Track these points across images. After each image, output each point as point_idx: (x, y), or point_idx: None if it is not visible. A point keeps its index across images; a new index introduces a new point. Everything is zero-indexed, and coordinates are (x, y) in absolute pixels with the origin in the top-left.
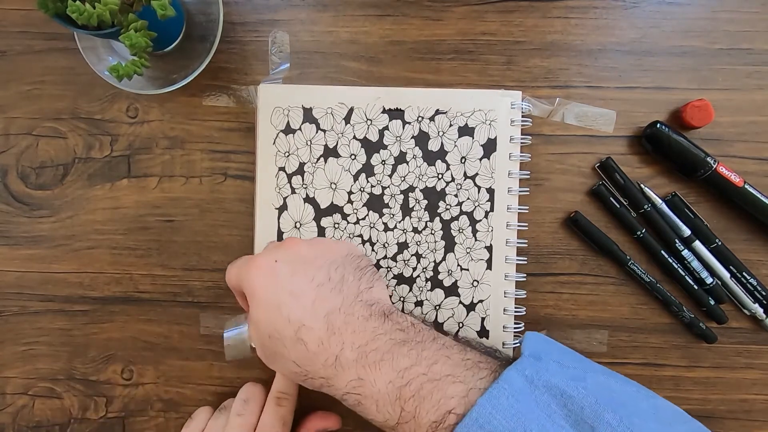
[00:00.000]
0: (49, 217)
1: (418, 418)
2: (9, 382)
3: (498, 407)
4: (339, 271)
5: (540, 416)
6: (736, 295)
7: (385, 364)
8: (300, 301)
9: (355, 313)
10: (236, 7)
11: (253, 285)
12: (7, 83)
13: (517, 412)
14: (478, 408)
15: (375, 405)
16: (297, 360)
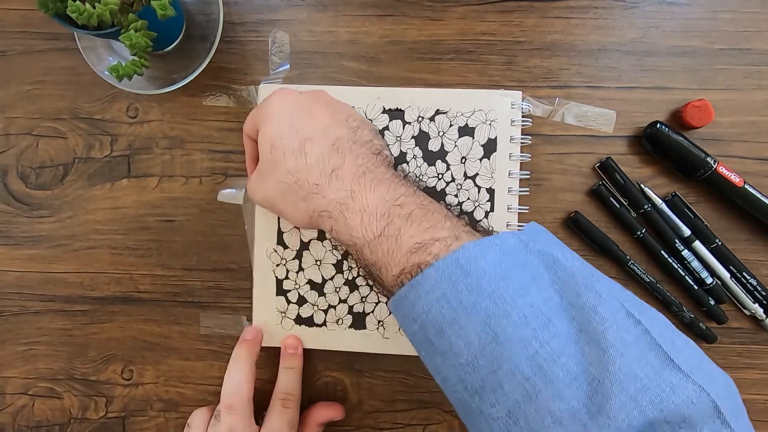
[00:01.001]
0: (49, 217)
1: (401, 237)
2: (9, 382)
3: (484, 255)
4: (357, 123)
5: (524, 276)
6: (736, 295)
7: (382, 186)
8: (313, 121)
9: (363, 149)
10: (236, 7)
11: (270, 104)
12: (7, 83)
13: (501, 263)
14: (464, 250)
15: (360, 217)
16: (292, 169)
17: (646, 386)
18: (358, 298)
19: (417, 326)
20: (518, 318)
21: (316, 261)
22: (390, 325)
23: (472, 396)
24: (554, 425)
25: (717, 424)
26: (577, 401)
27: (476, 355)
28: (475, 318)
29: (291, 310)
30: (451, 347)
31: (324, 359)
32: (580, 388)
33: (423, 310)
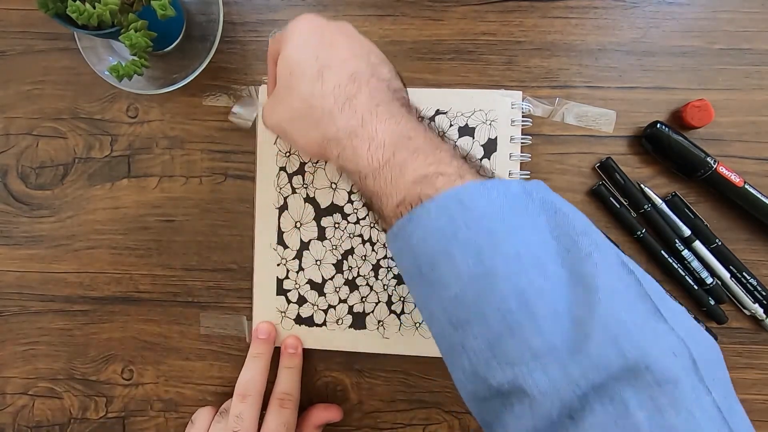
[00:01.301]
0: (49, 217)
1: (405, 168)
2: (9, 382)
3: (486, 195)
4: (378, 60)
5: (523, 219)
6: (736, 295)
7: (393, 119)
8: (335, 50)
9: (380, 84)
10: (236, 7)
11: (295, 28)
12: (7, 83)
13: (502, 205)
14: (466, 187)
15: (367, 145)
16: (307, 95)
17: (630, 332)
18: (358, 298)
19: (411, 259)
20: (511, 255)
21: (316, 261)
22: (390, 325)
23: (456, 329)
24: (533, 360)
25: (694, 380)
26: (558, 338)
27: (464, 288)
28: (468, 252)
29: (291, 310)
30: (441, 280)
31: (324, 359)
32: (562, 327)
33: (418, 242)
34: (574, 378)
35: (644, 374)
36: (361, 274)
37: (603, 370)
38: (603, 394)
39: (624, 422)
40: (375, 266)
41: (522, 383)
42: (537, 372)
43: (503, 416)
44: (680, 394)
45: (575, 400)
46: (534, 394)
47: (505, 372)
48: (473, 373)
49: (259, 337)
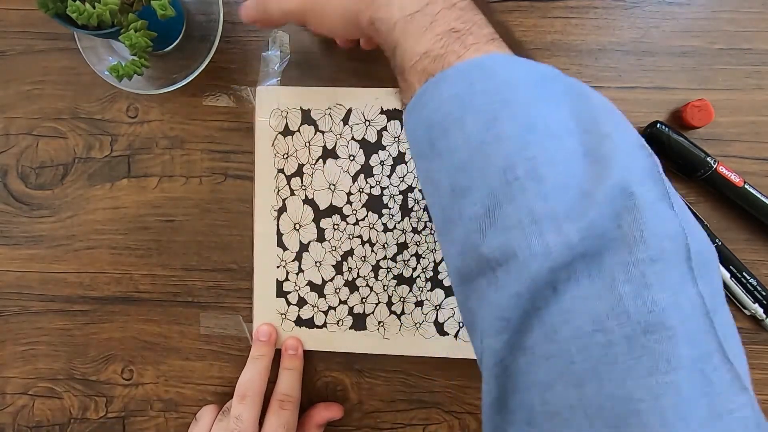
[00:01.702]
0: (49, 217)
1: (437, 18)
2: (9, 382)
3: (511, 66)
4: None
5: (546, 95)
6: (736, 295)
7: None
8: None
9: None
10: (236, 7)
11: None
12: (7, 83)
13: (526, 77)
14: (490, 57)
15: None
16: None
17: (635, 207)
18: (358, 299)
19: (424, 130)
20: (525, 123)
21: (315, 263)
22: (390, 326)
23: (457, 198)
24: (531, 224)
25: (684, 268)
26: (561, 206)
27: (472, 154)
28: (481, 117)
29: (291, 312)
30: (450, 147)
31: (324, 359)
32: (567, 195)
33: (434, 108)
34: (569, 241)
35: (639, 249)
36: (361, 275)
37: (599, 238)
38: (591, 264)
39: (609, 294)
40: (375, 267)
41: (515, 246)
42: (533, 236)
43: (488, 293)
44: (669, 275)
45: (563, 267)
46: (524, 256)
47: (499, 237)
48: (466, 242)
49: (260, 339)
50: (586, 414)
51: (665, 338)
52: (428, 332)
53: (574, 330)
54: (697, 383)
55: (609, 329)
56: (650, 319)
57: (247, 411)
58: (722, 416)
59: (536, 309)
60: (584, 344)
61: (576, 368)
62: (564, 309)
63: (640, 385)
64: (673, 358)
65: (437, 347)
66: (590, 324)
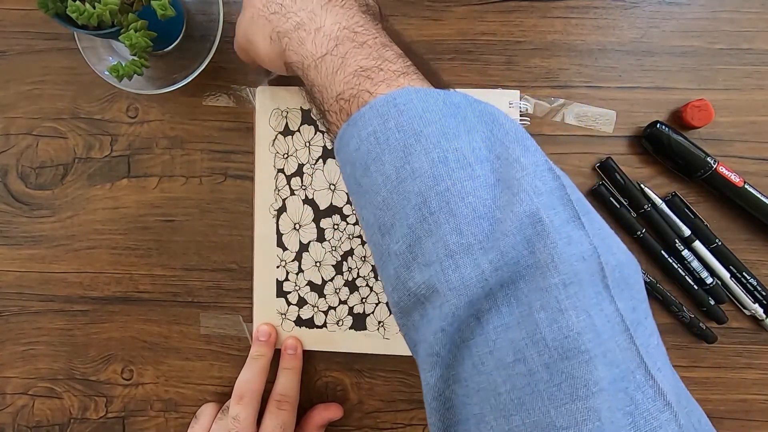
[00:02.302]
0: (49, 217)
1: (348, 59)
2: (9, 382)
3: (423, 100)
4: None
5: (458, 126)
6: (736, 295)
7: (344, 12)
8: None
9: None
10: (236, 6)
11: None
12: (7, 83)
13: (439, 110)
14: (404, 91)
15: (313, 36)
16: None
17: (545, 233)
18: (358, 299)
19: (349, 167)
20: (438, 157)
21: (315, 263)
22: (390, 326)
23: (383, 236)
24: (447, 258)
25: (599, 287)
26: (474, 238)
27: (391, 192)
28: (396, 154)
29: (291, 312)
30: (372, 186)
31: (324, 359)
32: (480, 227)
33: (354, 147)
34: (484, 273)
35: (552, 274)
36: (361, 275)
37: (512, 266)
38: (509, 293)
39: (526, 322)
40: (375, 267)
41: (435, 282)
42: (449, 270)
43: (420, 327)
44: (583, 297)
45: (483, 298)
46: (444, 291)
47: (422, 273)
48: (397, 278)
49: (259, 339)
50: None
51: (582, 363)
52: None
53: (498, 360)
54: (619, 404)
55: (529, 358)
56: (566, 344)
57: (245, 411)
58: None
59: (464, 340)
60: (508, 375)
61: (503, 399)
62: (488, 339)
63: (562, 412)
64: (591, 383)
65: None
66: (512, 354)
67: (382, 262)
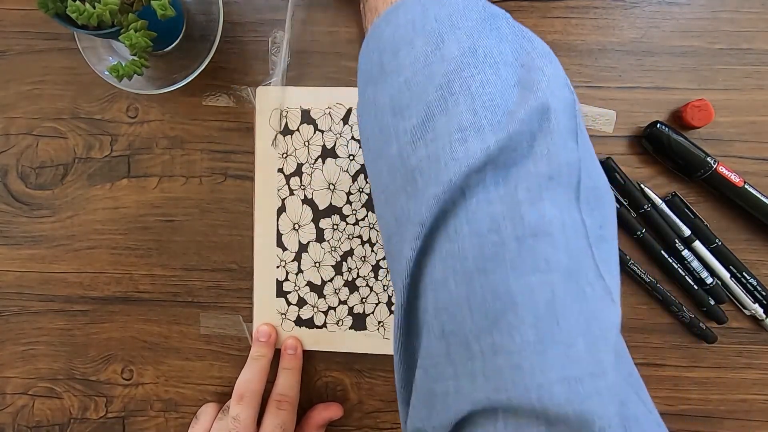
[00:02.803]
0: (49, 217)
1: None
2: (9, 382)
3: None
4: None
5: (491, 30)
6: (736, 295)
7: None
8: None
9: None
10: (236, 7)
11: None
12: (7, 83)
13: (479, 11)
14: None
15: None
16: None
17: (550, 131)
18: (358, 299)
19: (376, 54)
20: (468, 48)
21: (315, 263)
22: (390, 326)
23: (395, 116)
24: (457, 132)
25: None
26: (486, 120)
27: (417, 72)
28: (429, 40)
29: (291, 312)
30: (397, 67)
31: (324, 359)
32: (494, 113)
33: (389, 33)
34: (488, 149)
35: (542, 165)
36: (361, 275)
37: (512, 151)
38: (500, 173)
39: (508, 199)
40: (375, 267)
41: (439, 152)
42: (457, 143)
43: (406, 208)
44: (560, 195)
45: (476, 173)
46: (446, 160)
47: (428, 147)
48: (398, 156)
49: (259, 340)
50: (470, 308)
51: (548, 244)
52: None
53: (473, 230)
54: (572, 291)
55: (503, 230)
56: (538, 225)
57: (245, 411)
58: (592, 321)
59: (444, 212)
60: (479, 243)
61: (468, 265)
62: (469, 211)
63: (521, 282)
64: (552, 260)
65: None
66: (488, 225)
67: (384, 142)
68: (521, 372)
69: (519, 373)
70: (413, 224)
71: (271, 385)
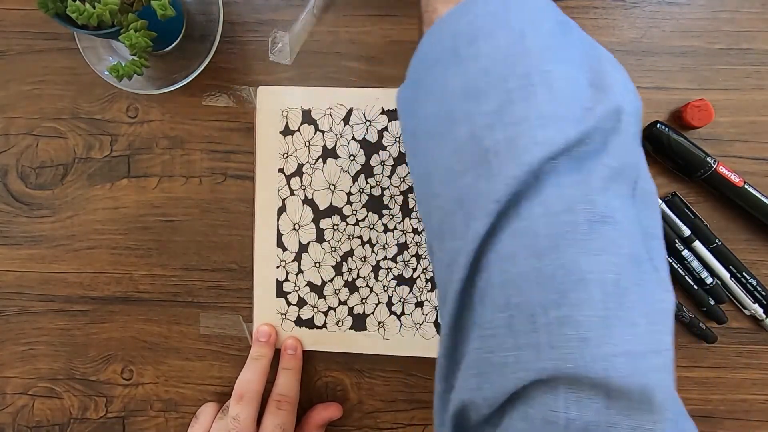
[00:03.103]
0: (49, 217)
1: None
2: (9, 382)
3: (544, 1)
4: None
5: (565, 34)
6: (736, 295)
7: None
8: None
9: None
10: (236, 7)
11: None
12: (7, 83)
13: (556, 16)
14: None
15: None
16: None
17: (620, 131)
18: (358, 300)
19: (449, 40)
20: (547, 45)
21: (315, 263)
22: (390, 327)
23: (468, 100)
24: (538, 118)
25: (630, 191)
26: (566, 112)
27: (497, 61)
28: (512, 33)
29: (291, 312)
30: (475, 54)
31: (324, 359)
32: (573, 107)
33: (467, 21)
34: (568, 138)
35: (611, 159)
36: (361, 275)
37: (587, 144)
38: (574, 162)
39: (582, 187)
40: (375, 267)
41: (519, 135)
42: (538, 128)
43: (476, 186)
44: (621, 189)
45: (552, 159)
46: (526, 143)
47: (506, 129)
48: (470, 138)
49: (259, 340)
50: (538, 281)
51: (615, 229)
52: (428, 333)
53: (546, 211)
54: (634, 274)
55: (575, 212)
56: (607, 212)
57: (244, 411)
58: (651, 304)
59: (518, 192)
60: (551, 222)
61: (540, 241)
62: (541, 193)
63: (591, 261)
64: (618, 246)
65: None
66: (561, 206)
67: (452, 125)
68: (588, 343)
69: (586, 344)
70: (488, 201)
71: (271, 386)
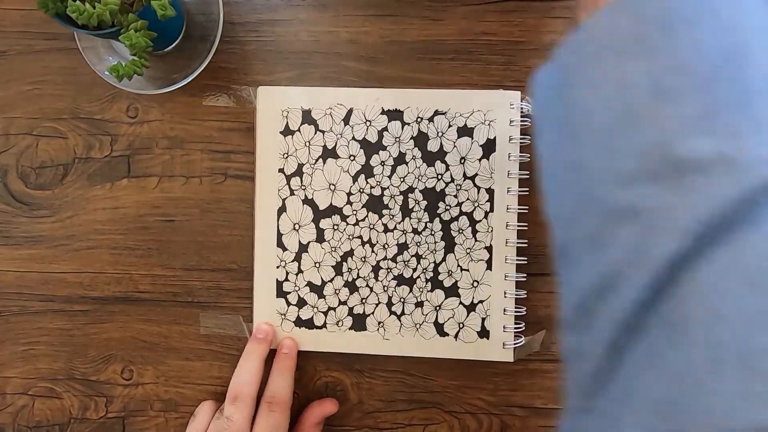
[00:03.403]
0: (49, 217)
1: None
2: (9, 382)
3: None
4: None
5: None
6: None
7: None
8: None
9: None
10: (236, 7)
11: None
12: (7, 83)
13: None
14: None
15: None
16: None
17: None
18: (358, 300)
19: (630, 25)
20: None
21: (315, 263)
22: (390, 327)
23: (656, 100)
24: (755, 129)
25: None
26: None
27: (702, 59)
28: (724, 33)
29: (291, 312)
30: (667, 45)
31: (324, 359)
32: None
33: (654, 7)
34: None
35: None
36: (361, 275)
37: None
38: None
39: None
40: (375, 268)
41: (735, 150)
42: (757, 145)
43: (665, 199)
44: None
45: None
46: (745, 161)
47: (715, 140)
48: (658, 142)
49: (257, 337)
50: (762, 322)
51: None
52: (428, 333)
53: None
54: None
55: None
56: None
57: (238, 412)
58: None
59: (724, 219)
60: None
61: (762, 278)
62: (764, 224)
63: None
64: None
65: (437, 348)
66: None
67: (625, 124)
68: None
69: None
70: (681, 219)
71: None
